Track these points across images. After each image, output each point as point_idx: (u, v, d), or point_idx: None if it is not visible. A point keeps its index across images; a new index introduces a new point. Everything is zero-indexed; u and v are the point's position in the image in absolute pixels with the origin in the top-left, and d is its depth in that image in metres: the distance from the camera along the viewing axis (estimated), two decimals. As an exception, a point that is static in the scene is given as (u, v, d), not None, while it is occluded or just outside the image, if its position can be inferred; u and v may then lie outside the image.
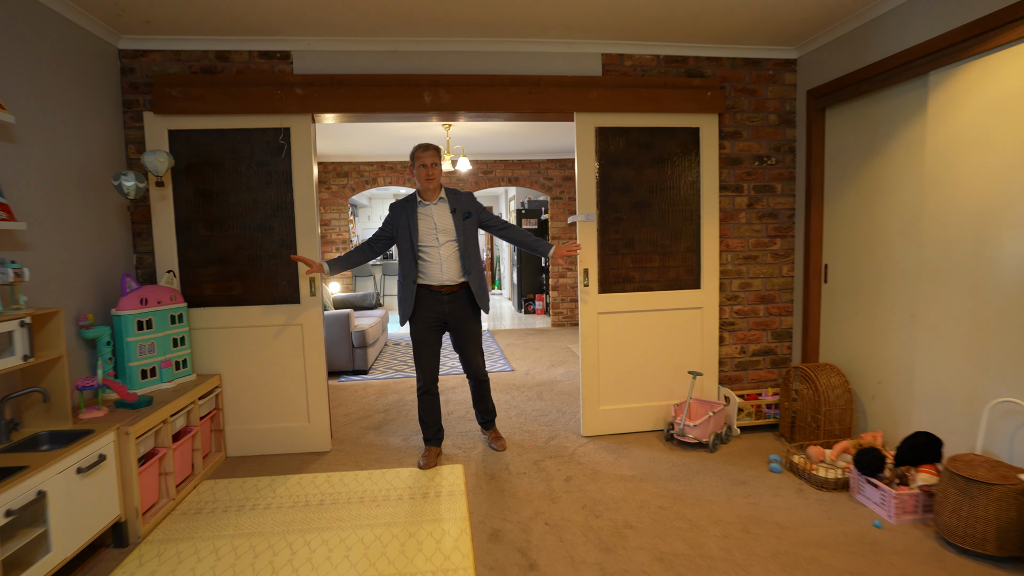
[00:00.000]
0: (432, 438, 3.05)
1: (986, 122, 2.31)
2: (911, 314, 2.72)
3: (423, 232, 2.87)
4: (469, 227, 2.92)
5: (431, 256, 2.87)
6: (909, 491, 2.34)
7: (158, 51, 2.99)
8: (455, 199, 2.93)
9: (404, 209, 2.91)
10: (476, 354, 3.03)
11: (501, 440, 3.21)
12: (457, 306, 2.93)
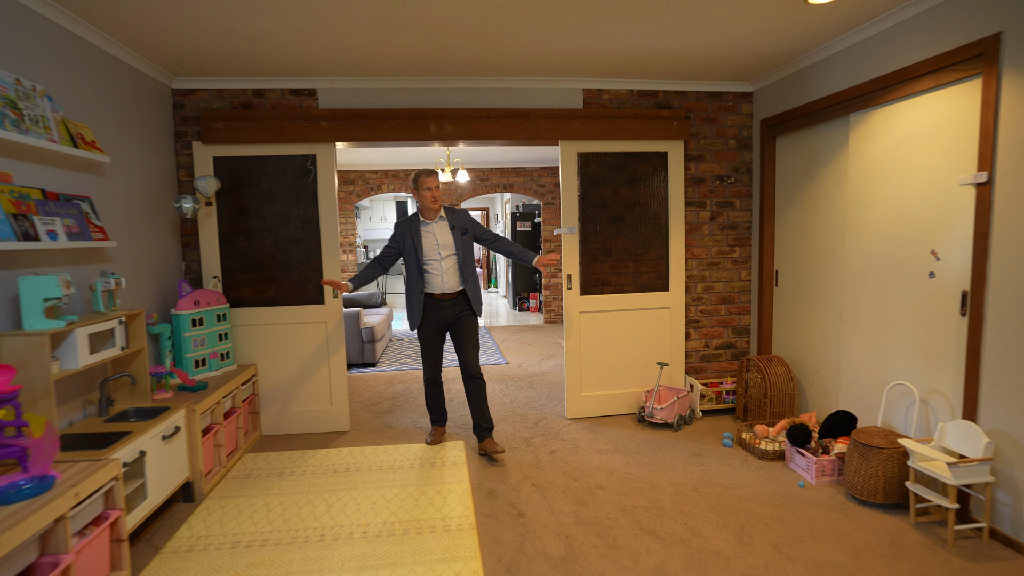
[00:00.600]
0: (438, 420, 3.54)
1: (888, 159, 2.85)
2: (839, 314, 3.27)
3: (427, 248, 3.23)
4: (466, 241, 3.30)
5: (434, 268, 3.23)
6: (828, 458, 2.88)
7: (205, 90, 3.51)
8: (453, 217, 3.30)
9: (408, 227, 3.27)
10: (472, 351, 3.32)
11: (498, 446, 3.23)
12: (457, 310, 3.29)
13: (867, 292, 3.03)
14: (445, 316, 3.29)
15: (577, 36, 2.94)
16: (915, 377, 2.73)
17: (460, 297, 3.30)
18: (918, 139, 2.68)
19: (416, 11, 2.57)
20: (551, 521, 2.54)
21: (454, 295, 3.28)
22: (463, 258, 3.28)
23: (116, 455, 2.12)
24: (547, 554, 2.27)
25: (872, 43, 2.87)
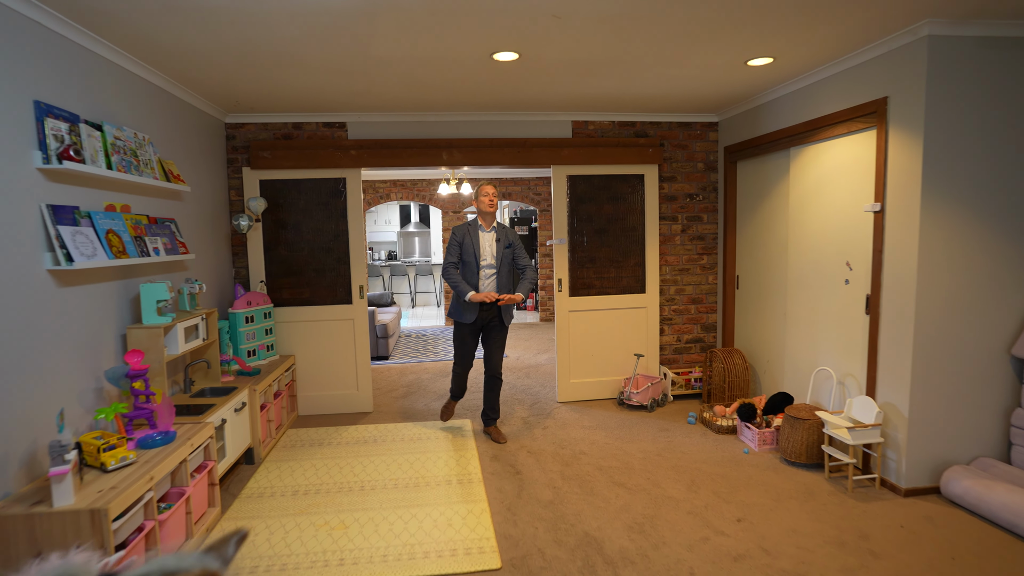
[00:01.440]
0: (456, 395, 3.87)
1: (818, 187, 3.51)
2: (784, 313, 3.93)
3: (482, 252, 3.58)
4: (507, 254, 3.62)
5: (484, 274, 3.58)
6: (768, 430, 3.54)
7: (252, 123, 4.16)
8: (502, 231, 3.65)
9: (468, 232, 3.59)
10: (498, 353, 3.69)
11: (502, 434, 3.76)
12: (492, 314, 3.64)
13: (803, 295, 3.70)
14: (483, 318, 3.64)
15: (567, 87, 3.60)
16: (835, 363, 3.39)
17: (495, 304, 3.62)
18: (837, 173, 3.34)
19: (434, 74, 3.22)
20: (542, 477, 3.20)
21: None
22: (502, 268, 3.62)
23: (210, 420, 2.78)
24: (539, 499, 2.94)
25: (804, 93, 3.53)
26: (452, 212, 8.50)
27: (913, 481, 2.88)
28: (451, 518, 2.73)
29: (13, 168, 2.07)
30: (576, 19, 2.47)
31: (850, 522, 2.64)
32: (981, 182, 2.77)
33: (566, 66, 3.16)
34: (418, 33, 2.59)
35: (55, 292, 2.27)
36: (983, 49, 2.70)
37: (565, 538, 2.56)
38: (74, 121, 2.39)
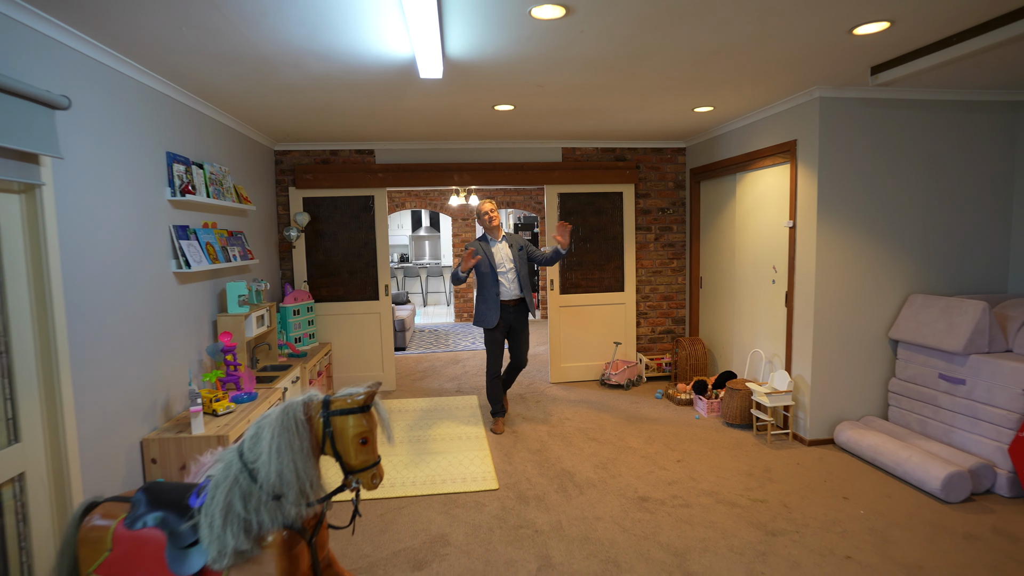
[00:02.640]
0: (499, 412, 4.19)
1: (755, 206, 4.37)
2: (732, 307, 4.78)
3: (497, 261, 4.00)
4: (522, 257, 4.09)
5: (504, 279, 4.03)
6: (716, 401, 4.39)
7: (296, 151, 5.06)
8: (511, 238, 4.12)
9: (482, 246, 4.02)
10: (524, 349, 4.16)
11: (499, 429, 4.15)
12: (517, 313, 4.08)
13: (746, 292, 4.55)
14: (509, 319, 4.06)
15: (554, 125, 4.47)
16: (765, 346, 4.25)
17: (520, 303, 4.09)
18: (768, 195, 4.19)
19: (449, 117, 4.09)
20: (533, 434, 4.07)
21: (516, 301, 4.07)
22: (520, 271, 4.07)
23: (277, 387, 3.66)
24: (529, 448, 3.80)
25: (744, 130, 4.39)
26: (461, 219, 9.39)
27: (815, 434, 3.73)
28: (462, 460, 3.61)
29: (154, 200, 2.96)
30: (554, 87, 3.34)
31: (761, 461, 3.49)
32: (861, 206, 3.62)
33: (551, 113, 4.04)
34: (439, 96, 3.47)
35: (177, 288, 3.16)
36: (860, 107, 3.55)
37: (547, 471, 3.42)
38: (187, 163, 3.29)
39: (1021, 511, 2.85)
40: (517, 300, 4.07)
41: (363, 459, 1.47)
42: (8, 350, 2.01)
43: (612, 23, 2.35)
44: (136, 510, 1.54)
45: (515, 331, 4.12)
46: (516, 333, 4.12)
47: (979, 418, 3.16)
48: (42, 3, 2.02)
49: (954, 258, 3.79)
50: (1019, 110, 3.75)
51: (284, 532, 1.42)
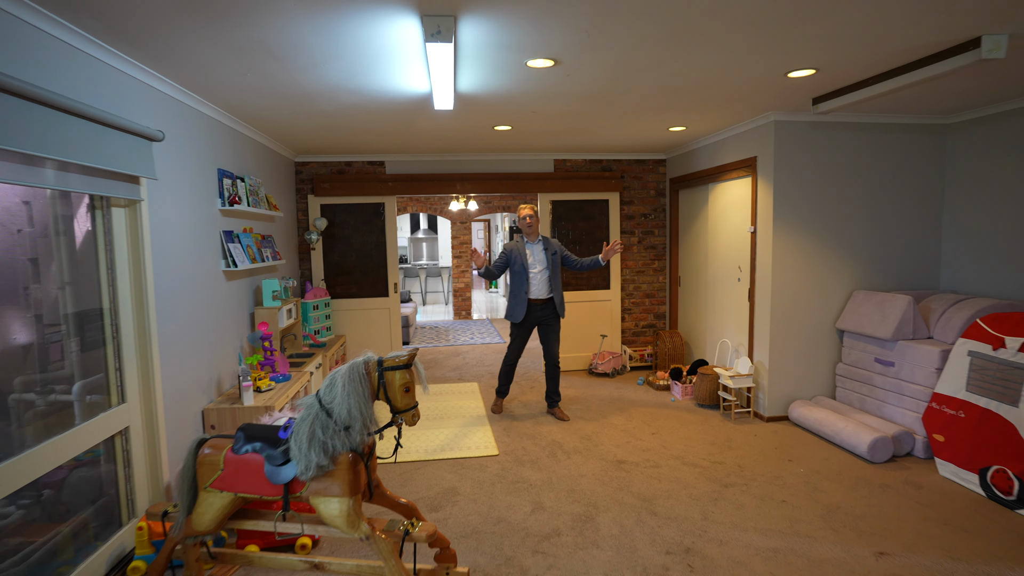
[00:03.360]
0: (502, 393, 4.64)
1: (724, 213, 4.96)
2: (705, 303, 5.36)
3: (530, 263, 4.31)
4: (555, 260, 4.37)
5: (533, 278, 4.33)
6: (689, 385, 4.97)
7: (314, 162, 5.61)
8: (547, 243, 4.39)
9: (516, 247, 4.36)
10: (555, 344, 4.40)
11: (564, 414, 4.45)
12: (545, 312, 4.37)
13: (716, 290, 5.14)
14: (536, 316, 4.37)
15: (549, 141, 5.04)
16: (732, 336, 4.84)
17: (549, 302, 4.39)
18: (734, 204, 4.78)
19: (454, 135, 4.65)
20: (527, 414, 4.63)
21: (544, 301, 4.37)
22: (551, 273, 4.36)
23: (305, 370, 4.21)
24: (525, 425, 4.37)
25: (714, 146, 4.98)
26: (460, 223, 9.95)
27: (772, 411, 4.32)
28: (466, 433, 4.17)
29: (208, 210, 3.51)
30: (546, 113, 3.91)
31: (724, 434, 4.08)
32: (811, 214, 4.22)
33: (544, 132, 4.61)
34: (447, 119, 4.03)
35: (225, 284, 3.71)
36: (809, 129, 4.15)
37: (539, 442, 3.99)
38: (233, 178, 3.83)
39: (930, 468, 3.44)
40: (546, 299, 4.35)
41: (406, 402, 2.02)
42: (118, 332, 2.57)
43: (591, 70, 2.93)
44: (238, 442, 2.08)
45: (543, 328, 4.41)
46: (545, 330, 4.41)
47: (904, 394, 3.76)
48: (144, 58, 2.58)
49: (893, 259, 4.39)
50: (946, 132, 4.35)
51: (350, 454, 1.97)
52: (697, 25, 2.34)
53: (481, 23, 2.27)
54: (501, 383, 4.64)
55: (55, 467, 2.17)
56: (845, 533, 2.73)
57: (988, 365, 3.09)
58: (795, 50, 2.71)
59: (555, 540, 2.71)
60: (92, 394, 2.48)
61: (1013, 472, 2.91)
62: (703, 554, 2.57)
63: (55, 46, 2.14)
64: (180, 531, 2.14)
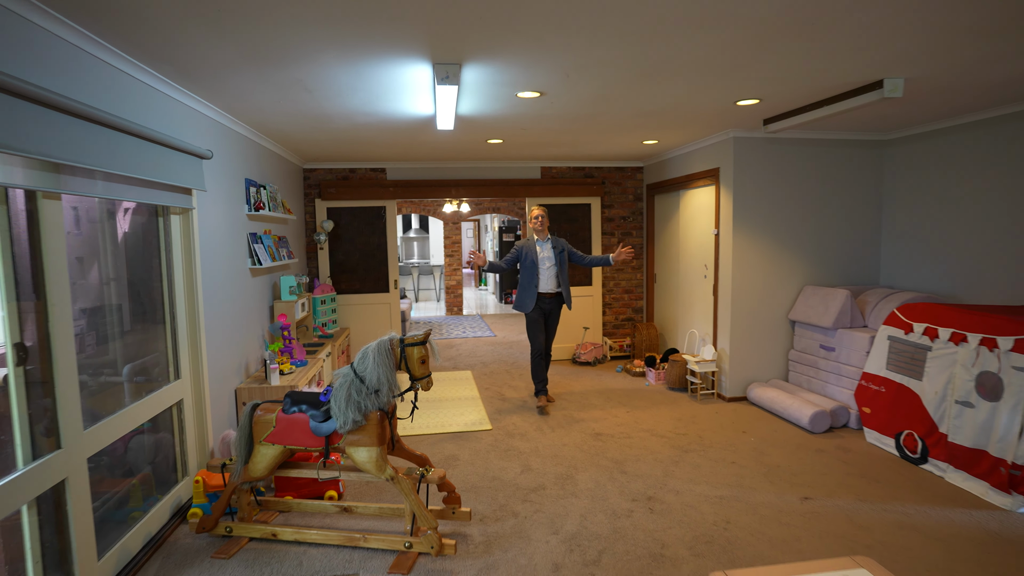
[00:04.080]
0: (542, 390, 4.80)
1: (692, 217, 5.54)
2: (677, 298, 5.94)
3: (540, 259, 4.67)
4: (563, 257, 4.71)
5: (542, 274, 4.67)
6: (662, 372, 5.55)
7: (321, 168, 6.09)
8: (556, 241, 4.71)
9: (527, 244, 4.69)
10: (551, 337, 4.83)
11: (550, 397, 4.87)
12: (553, 304, 4.71)
13: (686, 285, 5.72)
14: (545, 307, 4.73)
15: (536, 151, 5.58)
16: (699, 327, 5.42)
17: (557, 296, 4.73)
18: (701, 209, 5.37)
19: (451, 146, 5.18)
20: (516, 397, 5.17)
21: (553, 294, 4.71)
22: (559, 269, 4.70)
23: (319, 357, 4.71)
24: (514, 406, 4.91)
25: (684, 157, 5.56)
26: (452, 223, 10.46)
27: (733, 392, 4.91)
28: (463, 413, 4.70)
29: (238, 215, 3.99)
30: (534, 130, 4.45)
31: (690, 411, 4.66)
32: (765, 219, 4.81)
33: (532, 144, 5.15)
34: (446, 135, 4.56)
35: (250, 280, 4.20)
36: (765, 144, 4.74)
37: (527, 419, 4.54)
38: (257, 186, 4.32)
39: (860, 437, 4.04)
40: (554, 293, 4.69)
41: (422, 371, 2.55)
42: (175, 317, 3.06)
43: (572, 99, 3.47)
44: (286, 404, 2.59)
45: (549, 320, 4.76)
46: (549, 322, 4.76)
47: (842, 375, 4.36)
48: (201, 91, 3.07)
49: (838, 258, 4.99)
50: (884, 147, 4.97)
51: (378, 412, 2.49)
52: (658, 69, 2.89)
53: (481, 68, 2.80)
54: (536, 380, 4.81)
55: (140, 423, 2.67)
56: (780, 485, 3.31)
57: (901, 347, 3.69)
58: (740, 85, 3.27)
59: (541, 492, 3.25)
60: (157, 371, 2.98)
61: (918, 435, 3.51)
62: (662, 500, 3.13)
63: (137, 87, 2.63)
64: (239, 477, 2.65)
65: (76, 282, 2.42)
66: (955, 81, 3.19)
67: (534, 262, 4.65)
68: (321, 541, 2.65)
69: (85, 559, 2.19)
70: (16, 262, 1.97)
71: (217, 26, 2.20)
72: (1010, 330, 3.04)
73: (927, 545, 2.65)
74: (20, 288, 1.98)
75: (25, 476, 1.91)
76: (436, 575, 2.45)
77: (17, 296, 1.97)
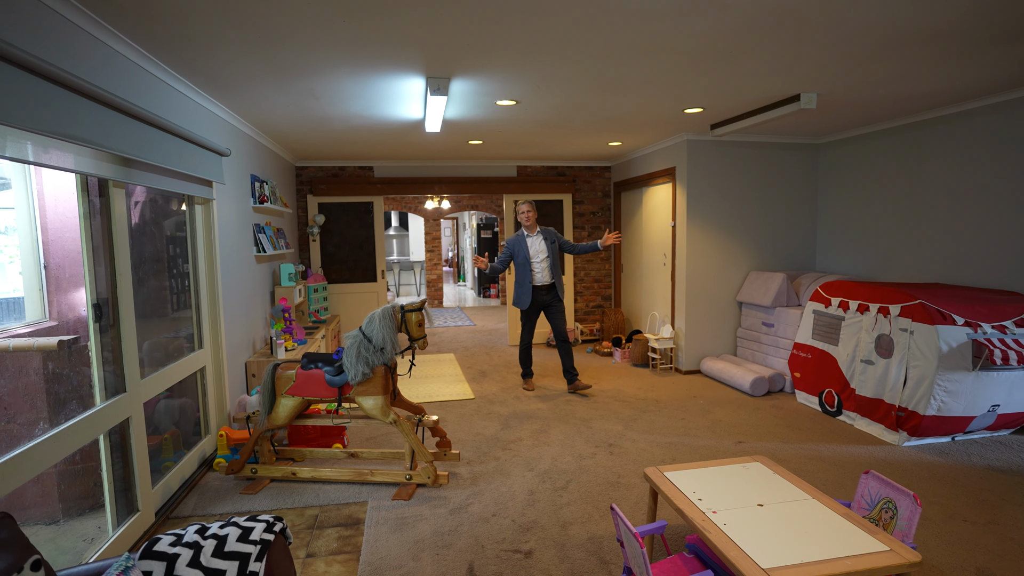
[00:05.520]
0: (528, 374, 5.12)
1: (653, 211, 6.16)
2: (640, 285, 6.57)
3: (532, 253, 4.78)
4: (554, 249, 4.83)
5: (536, 267, 4.77)
6: (626, 350, 6.15)
7: (313, 166, 6.53)
8: (546, 233, 4.84)
9: (519, 240, 4.81)
10: (562, 323, 4.81)
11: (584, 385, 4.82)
12: (549, 296, 4.82)
13: (648, 273, 6.34)
14: (542, 300, 4.83)
15: (513, 151, 6.13)
16: (660, 309, 6.05)
17: (551, 287, 4.85)
18: (661, 204, 5.99)
19: (435, 146, 5.68)
20: (496, 374, 5.72)
21: (547, 286, 4.84)
22: (552, 261, 4.83)
23: (316, 337, 5.17)
24: (494, 380, 5.45)
25: (646, 157, 6.18)
26: (432, 220, 10.94)
27: (688, 366, 5.54)
28: (448, 386, 5.23)
29: (245, 207, 4.44)
30: (510, 132, 5.00)
31: (649, 381, 5.27)
32: (715, 212, 5.45)
33: (509, 144, 5.70)
34: (431, 136, 5.07)
35: (255, 266, 4.65)
36: (714, 146, 5.38)
37: (506, 390, 5.08)
38: (260, 181, 4.77)
39: (792, 398, 4.70)
40: (548, 285, 4.83)
41: (419, 333, 3.07)
42: (198, 295, 3.52)
43: (543, 106, 4.03)
44: (304, 363, 3.08)
45: (550, 311, 4.85)
46: (551, 311, 4.85)
47: (779, 347, 5.02)
48: (222, 97, 3.53)
49: (780, 247, 5.67)
50: (817, 150, 5.66)
51: (383, 367, 3.00)
52: (612, 84, 3.46)
53: (467, 81, 3.34)
54: (524, 366, 5.07)
55: (176, 382, 3.12)
56: (720, 433, 3.93)
57: (823, 319, 4.36)
58: (684, 97, 3.87)
59: (518, 443, 3.81)
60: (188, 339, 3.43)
61: (835, 391, 4.18)
62: (620, 447, 3.71)
63: (172, 94, 3.09)
64: (264, 425, 3.13)
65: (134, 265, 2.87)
66: (864, 95, 3.85)
67: (527, 258, 4.76)
68: (334, 478, 3.15)
69: (144, 485, 2.65)
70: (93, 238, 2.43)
71: (251, 45, 2.69)
72: (898, 299, 3.71)
73: (827, 468, 3.29)
74: (96, 259, 2.44)
75: (101, 412, 2.38)
76: (433, 500, 2.98)
77: (93, 266, 2.43)
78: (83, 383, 2.51)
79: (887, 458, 3.43)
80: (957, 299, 3.65)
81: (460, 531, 2.66)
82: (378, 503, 2.94)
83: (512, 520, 2.75)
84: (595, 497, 2.98)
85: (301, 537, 2.64)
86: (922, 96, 3.89)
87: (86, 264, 2.36)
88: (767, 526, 1.84)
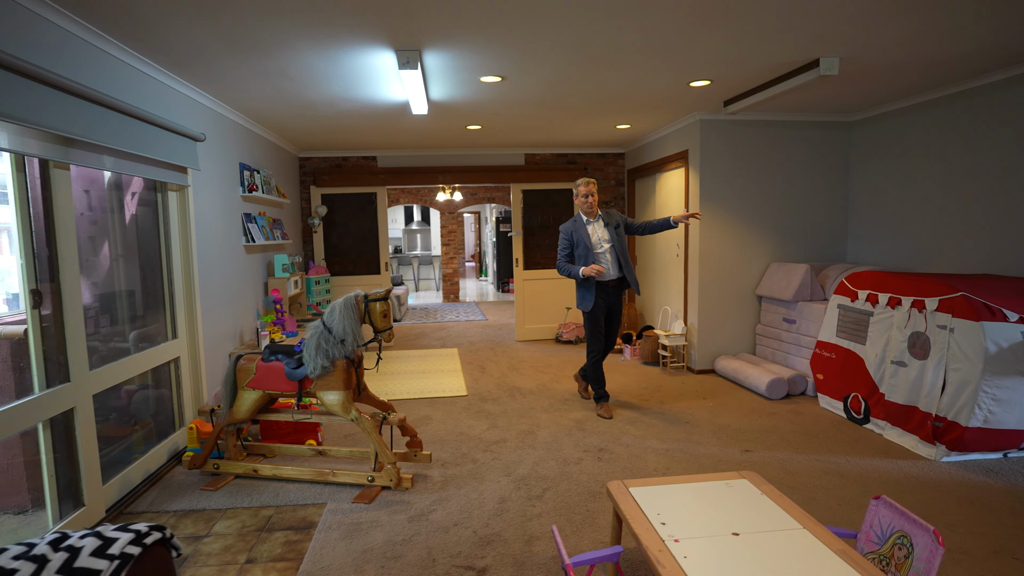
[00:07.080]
0: (603, 396, 4.04)
1: (666, 198, 5.78)
2: (655, 278, 6.19)
3: (594, 242, 3.83)
4: (620, 234, 3.88)
5: (601, 260, 3.82)
6: (636, 347, 5.81)
7: (316, 157, 6.43)
8: (607, 216, 3.92)
9: (575, 226, 3.88)
10: (614, 333, 4.04)
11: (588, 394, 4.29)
12: (616, 296, 3.89)
13: (661, 265, 5.97)
14: (609, 300, 3.90)
15: (518, 137, 5.86)
16: (672, 304, 5.68)
17: (621, 282, 3.92)
18: (674, 190, 5.61)
19: (435, 133, 5.47)
20: (496, 369, 5.47)
21: (616, 281, 3.92)
22: (619, 249, 3.87)
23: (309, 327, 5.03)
24: (491, 376, 5.21)
25: (659, 141, 5.80)
26: (448, 213, 10.77)
27: (701, 365, 5.16)
28: (444, 381, 5.02)
29: (232, 196, 4.33)
30: (506, 115, 4.73)
31: (657, 381, 4.92)
32: (732, 198, 5.04)
33: (510, 129, 5.43)
34: (425, 121, 4.85)
35: (245, 257, 4.54)
36: (730, 126, 4.97)
37: (502, 387, 4.84)
38: (251, 170, 4.66)
39: (813, 402, 4.28)
40: (617, 280, 3.90)
41: (385, 324, 2.85)
42: (172, 284, 3.40)
43: (531, 84, 3.75)
44: (265, 354, 2.92)
45: (611, 313, 3.96)
46: (612, 316, 3.97)
47: (802, 345, 4.60)
48: (195, 79, 3.40)
49: (806, 236, 5.21)
50: (849, 128, 5.17)
51: (344, 360, 2.81)
52: (603, 51, 3.15)
53: (441, 54, 3.10)
54: (596, 385, 4.04)
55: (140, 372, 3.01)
56: (725, 440, 3.57)
57: (849, 314, 3.93)
58: (688, 67, 3.52)
59: (502, 445, 3.55)
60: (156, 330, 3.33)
61: (862, 396, 3.75)
62: (611, 451, 3.42)
63: (138, 76, 2.96)
64: (225, 420, 2.98)
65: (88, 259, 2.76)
66: (895, 58, 3.40)
67: (587, 247, 3.85)
68: (296, 477, 2.98)
69: (91, 478, 2.53)
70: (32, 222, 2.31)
71: (198, 17, 2.52)
72: (936, 291, 3.27)
73: (846, 486, 2.91)
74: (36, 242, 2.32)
75: (39, 400, 2.25)
76: (395, 505, 2.77)
77: (34, 249, 2.30)
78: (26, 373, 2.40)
79: (920, 475, 3.02)
80: (1009, 292, 3.19)
81: (414, 541, 2.43)
82: (337, 506, 2.75)
83: (474, 531, 2.50)
84: (570, 509, 2.70)
85: (247, 540, 2.47)
86: (966, 57, 3.42)
87: (20, 248, 2.24)
88: (738, 563, 1.53)
